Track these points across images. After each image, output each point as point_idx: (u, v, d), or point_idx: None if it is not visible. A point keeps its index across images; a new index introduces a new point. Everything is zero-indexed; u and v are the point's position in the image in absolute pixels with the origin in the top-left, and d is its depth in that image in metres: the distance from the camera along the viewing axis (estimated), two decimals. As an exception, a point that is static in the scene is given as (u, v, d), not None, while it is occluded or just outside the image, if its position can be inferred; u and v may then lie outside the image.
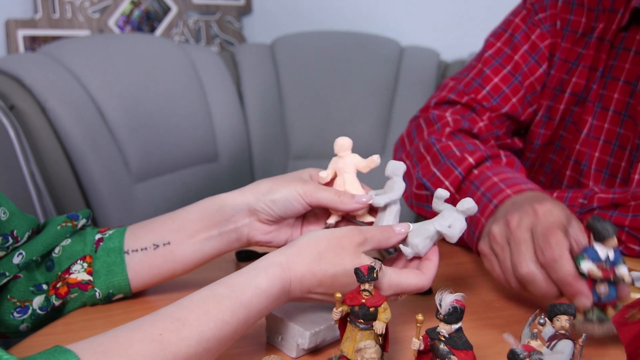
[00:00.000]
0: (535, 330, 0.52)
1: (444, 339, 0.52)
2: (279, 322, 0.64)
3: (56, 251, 0.71)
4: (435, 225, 0.63)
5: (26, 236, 0.67)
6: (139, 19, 1.98)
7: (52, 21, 1.79)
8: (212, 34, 2.18)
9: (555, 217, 0.68)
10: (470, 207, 0.63)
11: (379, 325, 0.56)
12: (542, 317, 0.54)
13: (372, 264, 0.56)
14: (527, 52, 1.10)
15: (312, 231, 0.63)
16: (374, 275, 0.56)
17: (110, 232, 0.72)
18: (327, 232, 0.62)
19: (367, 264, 0.57)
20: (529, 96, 1.10)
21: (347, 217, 0.72)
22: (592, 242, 0.63)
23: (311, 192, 0.67)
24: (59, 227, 0.70)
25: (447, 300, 0.51)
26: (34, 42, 1.75)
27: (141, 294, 0.75)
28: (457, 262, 0.91)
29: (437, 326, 0.52)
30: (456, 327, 0.51)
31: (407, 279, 0.62)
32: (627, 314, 0.48)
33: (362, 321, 0.57)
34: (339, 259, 0.59)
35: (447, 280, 0.84)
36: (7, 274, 0.65)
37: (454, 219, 0.63)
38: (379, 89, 1.91)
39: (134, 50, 1.66)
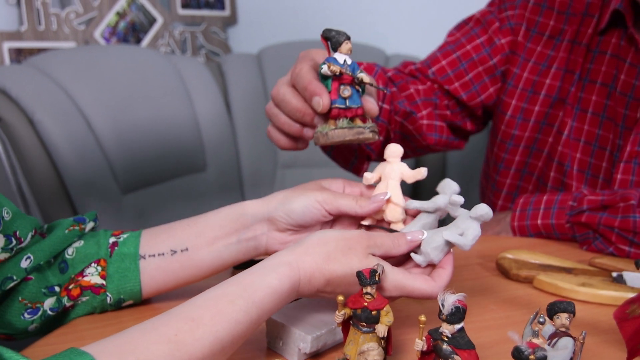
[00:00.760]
0: (536, 328, 0.53)
1: (446, 339, 0.52)
2: (280, 327, 0.64)
3: (69, 253, 0.70)
4: (444, 234, 0.63)
5: (29, 237, 0.66)
6: (124, 30, 1.98)
7: (38, 33, 1.78)
8: (198, 44, 2.19)
9: (306, 59, 0.70)
10: (484, 214, 0.62)
11: (381, 328, 0.57)
12: (542, 316, 0.55)
13: (374, 267, 0.57)
14: (481, 43, 1.15)
15: (321, 231, 0.63)
16: (376, 278, 0.56)
17: (124, 235, 0.71)
18: (336, 232, 0.62)
19: (375, 265, 0.57)
20: (476, 84, 1.14)
21: (380, 224, 0.71)
22: (331, 53, 0.65)
23: (330, 200, 0.68)
24: (66, 231, 0.69)
25: (449, 300, 0.51)
26: (19, 55, 1.75)
27: (149, 301, 0.75)
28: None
29: (440, 327, 0.53)
30: (458, 327, 0.52)
31: (415, 282, 0.62)
32: (628, 309, 0.49)
33: (364, 324, 0.57)
34: (347, 260, 0.60)
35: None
36: (14, 278, 0.65)
37: (467, 227, 0.63)
38: (365, 97, 1.92)
39: (120, 61, 1.66)
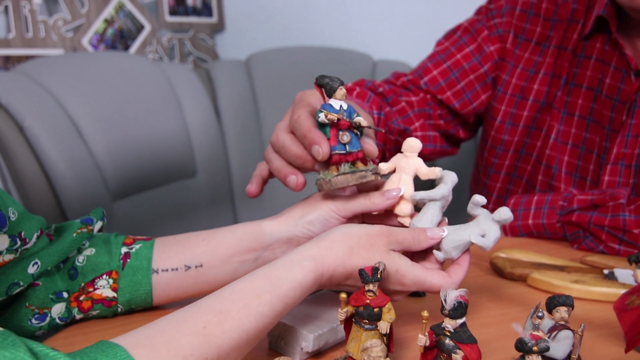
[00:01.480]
0: (536, 322, 0.54)
1: (449, 334, 0.53)
2: (281, 326, 0.65)
3: (80, 260, 0.70)
4: (471, 236, 0.65)
5: (35, 237, 0.66)
6: (112, 37, 1.98)
7: (26, 40, 1.78)
8: (186, 51, 2.19)
9: (302, 105, 0.70)
10: (506, 218, 0.64)
11: (384, 325, 0.58)
12: (540, 310, 0.56)
13: (376, 265, 0.58)
14: (471, 52, 1.17)
15: (344, 225, 0.64)
16: (378, 276, 0.57)
17: (137, 246, 0.71)
18: (359, 227, 0.63)
19: (377, 263, 0.58)
20: (468, 93, 1.17)
21: (388, 215, 0.72)
22: (326, 99, 0.65)
23: (343, 206, 0.69)
24: (74, 235, 0.69)
25: (451, 296, 0.52)
26: (7, 62, 1.74)
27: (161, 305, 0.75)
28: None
29: (442, 322, 0.54)
30: (461, 321, 0.53)
31: (433, 278, 0.64)
32: (627, 300, 0.51)
33: (366, 321, 0.58)
34: (369, 255, 0.61)
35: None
36: (21, 284, 0.65)
37: (489, 228, 0.65)
38: (353, 103, 1.93)
39: (109, 68, 1.66)
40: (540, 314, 0.56)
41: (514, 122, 1.16)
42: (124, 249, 0.71)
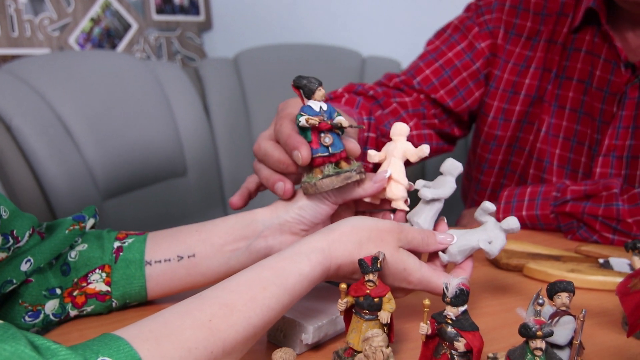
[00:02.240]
0: (538, 309, 0.54)
1: (451, 322, 0.53)
2: (280, 318, 0.64)
3: (72, 255, 0.69)
4: (480, 242, 0.65)
5: (27, 235, 0.65)
6: (99, 36, 1.96)
7: (11, 40, 1.76)
8: (174, 50, 2.18)
9: (284, 114, 0.70)
10: (514, 227, 0.65)
11: (384, 315, 0.57)
12: (541, 297, 0.56)
13: (376, 255, 0.58)
14: (463, 49, 1.17)
15: (355, 217, 0.64)
16: (378, 265, 0.57)
17: (129, 240, 0.70)
18: (370, 221, 0.63)
19: (377, 252, 0.58)
20: (461, 90, 1.17)
21: (382, 204, 0.72)
22: (305, 101, 0.65)
23: (334, 191, 0.68)
24: (66, 231, 0.68)
25: (453, 283, 0.52)
26: (-7, 61, 1.72)
27: (154, 301, 0.74)
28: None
29: (443, 310, 0.53)
30: (462, 309, 0.53)
31: (439, 279, 0.63)
32: (630, 283, 0.51)
33: (367, 312, 0.58)
34: (378, 250, 0.60)
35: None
36: (14, 282, 0.64)
37: (496, 236, 0.65)
38: (343, 100, 1.93)
39: (97, 66, 1.65)
40: (540, 301, 0.56)
41: (507, 117, 1.17)
42: (117, 244, 0.70)
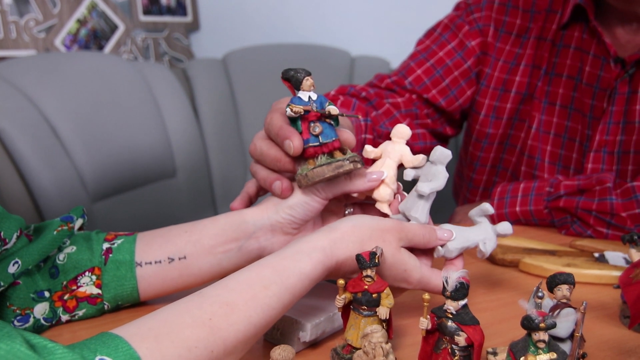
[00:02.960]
0: (538, 301, 0.54)
1: (451, 316, 0.52)
2: (277, 317, 0.63)
3: (60, 258, 0.68)
4: (478, 240, 0.65)
5: (14, 237, 0.63)
6: (86, 37, 1.94)
7: (-4, 41, 1.74)
8: (161, 51, 2.16)
9: (275, 109, 0.69)
10: (507, 233, 0.66)
11: (383, 310, 0.57)
12: (541, 291, 0.56)
13: (374, 250, 0.57)
14: (453, 48, 1.17)
15: (356, 216, 0.63)
16: (376, 261, 0.56)
17: (119, 241, 0.69)
18: (371, 220, 0.62)
19: (374, 248, 0.57)
20: (453, 90, 1.16)
21: (367, 201, 0.71)
22: (295, 93, 0.64)
23: (323, 188, 0.67)
24: (54, 232, 0.67)
25: (453, 277, 0.52)
26: (-22, 63, 1.69)
27: (147, 302, 0.73)
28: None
29: (444, 304, 0.53)
30: (462, 303, 0.52)
31: (437, 279, 0.63)
32: (632, 273, 0.50)
33: (365, 308, 0.57)
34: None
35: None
36: (1, 284, 0.62)
37: (489, 238, 0.65)
38: (332, 99, 1.93)
39: (84, 67, 1.63)
40: (540, 294, 0.55)
41: (498, 115, 1.17)
42: (106, 245, 0.69)
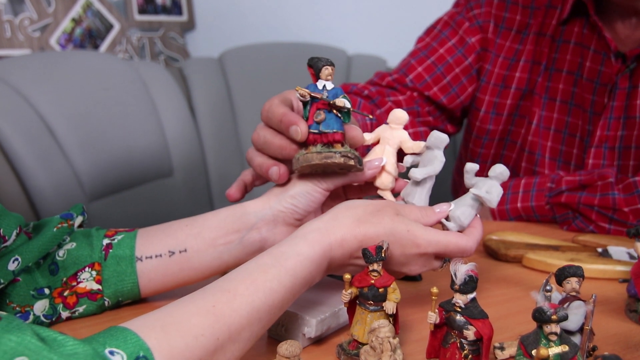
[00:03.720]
0: (547, 295, 0.53)
1: (460, 310, 0.52)
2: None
3: (60, 254, 0.67)
4: (473, 191, 0.63)
5: (14, 234, 0.63)
6: (81, 37, 1.93)
7: (-9, 40, 1.73)
8: (157, 50, 2.15)
9: (275, 97, 0.68)
10: (502, 172, 0.63)
11: (390, 305, 0.56)
12: (549, 284, 0.55)
13: (380, 244, 0.56)
14: (454, 45, 1.16)
15: (347, 201, 0.63)
16: (382, 255, 0.56)
17: (119, 237, 0.68)
18: (363, 200, 0.62)
19: (380, 242, 0.56)
20: (454, 87, 1.16)
21: (368, 189, 0.70)
22: (316, 80, 0.63)
23: (324, 178, 0.67)
24: (54, 229, 0.66)
25: (461, 270, 0.51)
26: (-28, 63, 1.68)
27: (148, 299, 0.73)
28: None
29: (452, 298, 0.52)
30: (471, 296, 0.52)
31: (448, 236, 0.62)
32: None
33: (371, 302, 0.57)
34: (378, 220, 0.60)
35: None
36: (1, 281, 0.61)
37: (490, 185, 0.63)
38: (329, 98, 1.92)
39: (80, 66, 1.62)
40: (548, 287, 0.55)
41: (498, 111, 1.16)
42: (106, 241, 0.68)
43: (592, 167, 1.06)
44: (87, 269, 0.67)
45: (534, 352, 0.46)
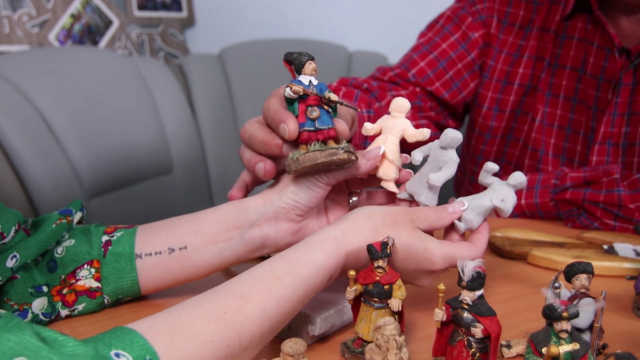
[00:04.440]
0: (557, 291, 0.52)
1: (467, 307, 0.51)
2: (284, 310, 0.62)
3: (59, 251, 0.66)
4: (492, 200, 0.62)
5: (12, 231, 0.62)
6: (80, 33, 1.92)
7: (-11, 36, 1.71)
8: (156, 47, 2.14)
9: (273, 95, 0.67)
10: (521, 182, 0.62)
11: (396, 302, 0.55)
12: (558, 281, 0.54)
13: (385, 240, 0.55)
14: (456, 40, 1.15)
15: (365, 207, 0.62)
16: (388, 251, 0.55)
17: (118, 233, 0.67)
18: (381, 208, 0.61)
19: (385, 238, 0.55)
20: (456, 82, 1.15)
21: (371, 181, 0.69)
22: (295, 76, 0.62)
23: (325, 172, 0.65)
24: (53, 226, 0.65)
25: (469, 266, 0.50)
26: (-30, 59, 1.67)
27: (148, 297, 0.72)
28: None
29: (459, 295, 0.51)
30: (479, 293, 0.51)
31: (461, 251, 0.61)
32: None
33: (376, 300, 0.56)
34: (395, 233, 0.58)
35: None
36: (0, 278, 0.60)
37: (506, 193, 0.62)
38: (330, 94, 1.92)
39: (79, 63, 1.61)
40: (557, 285, 0.54)
41: (501, 108, 1.15)
42: (105, 237, 0.67)
43: (596, 164, 1.05)
44: (85, 266, 0.66)
45: (544, 349, 0.45)
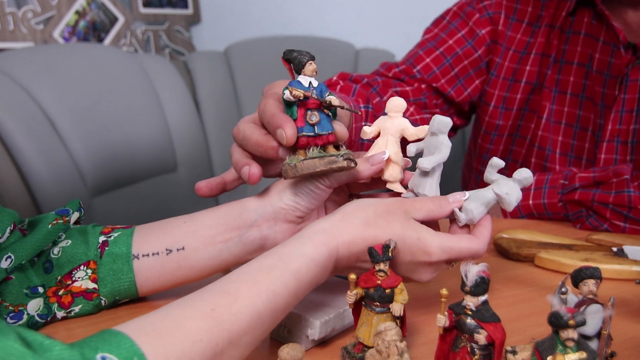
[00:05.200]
0: (564, 297, 0.51)
1: (470, 313, 0.49)
2: (284, 314, 0.60)
3: (55, 252, 0.65)
4: (494, 189, 0.60)
5: (7, 231, 0.61)
6: (85, 29, 1.91)
7: (-6, 33, 1.71)
8: (162, 44, 2.13)
9: (270, 94, 0.64)
10: (527, 177, 0.60)
11: (397, 306, 0.54)
12: (565, 286, 0.52)
13: (387, 242, 0.54)
14: (463, 37, 1.13)
15: (358, 199, 0.60)
16: (389, 254, 0.53)
17: (115, 234, 0.66)
18: (373, 199, 0.59)
19: (387, 240, 0.54)
20: (462, 79, 1.13)
21: (375, 184, 0.68)
22: (295, 76, 0.59)
23: (327, 175, 0.63)
24: (49, 226, 0.64)
25: (472, 271, 0.48)
26: (-25, 56, 1.66)
27: (146, 298, 0.70)
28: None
29: (462, 300, 0.50)
30: (483, 299, 0.49)
31: (460, 242, 0.59)
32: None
33: (378, 304, 0.54)
34: (388, 224, 0.57)
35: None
36: None
37: (510, 188, 0.60)
38: (336, 92, 1.90)
39: (83, 60, 1.60)
40: (563, 290, 0.52)
41: (507, 106, 1.13)
42: (102, 238, 0.66)
43: (605, 162, 1.03)
44: (82, 267, 0.65)
45: (549, 358, 0.43)
